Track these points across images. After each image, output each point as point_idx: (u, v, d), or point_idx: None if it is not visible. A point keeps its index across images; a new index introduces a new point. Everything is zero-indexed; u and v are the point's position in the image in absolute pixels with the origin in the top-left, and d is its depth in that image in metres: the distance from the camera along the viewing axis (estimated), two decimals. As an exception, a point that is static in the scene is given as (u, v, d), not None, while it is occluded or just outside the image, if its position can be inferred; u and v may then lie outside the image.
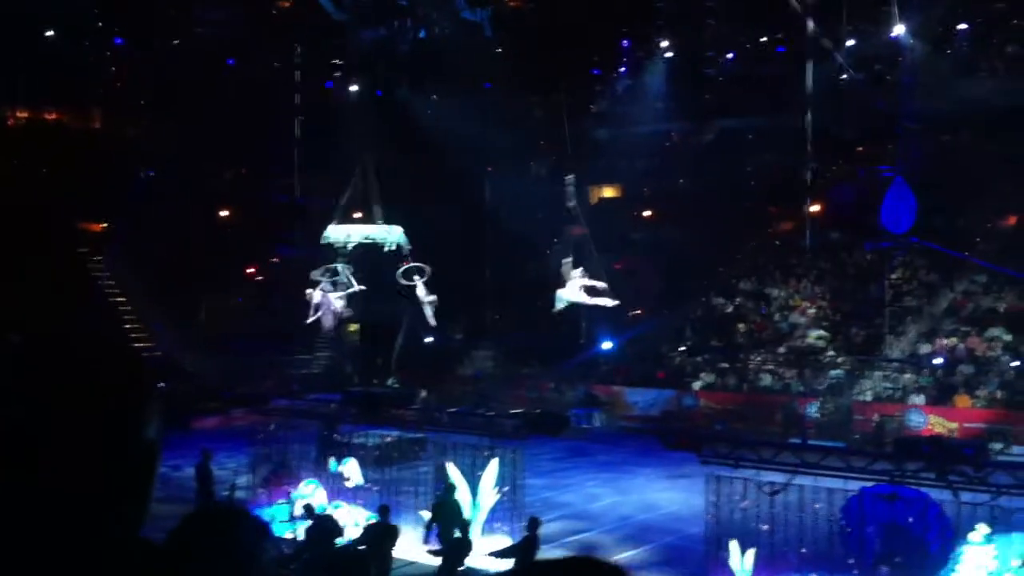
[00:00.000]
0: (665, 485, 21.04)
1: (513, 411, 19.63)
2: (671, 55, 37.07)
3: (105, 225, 35.74)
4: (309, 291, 22.47)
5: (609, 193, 45.18)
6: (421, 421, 17.36)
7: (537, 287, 26.15)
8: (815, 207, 36.07)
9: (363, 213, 24.46)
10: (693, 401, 30.63)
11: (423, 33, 33.37)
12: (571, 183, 21.00)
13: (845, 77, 33.25)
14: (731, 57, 37.43)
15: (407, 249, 22.37)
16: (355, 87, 35.69)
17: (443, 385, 31.79)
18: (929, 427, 25.84)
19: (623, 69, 39.79)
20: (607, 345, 31.96)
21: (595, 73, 40.40)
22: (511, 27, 33.86)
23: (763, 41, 37.23)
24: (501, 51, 34.65)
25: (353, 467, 16.75)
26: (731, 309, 35.36)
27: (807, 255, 35.37)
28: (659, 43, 36.97)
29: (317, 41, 35.93)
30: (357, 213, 24.67)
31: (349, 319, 23.14)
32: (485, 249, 38.74)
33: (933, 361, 28.73)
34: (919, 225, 27.55)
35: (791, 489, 12.17)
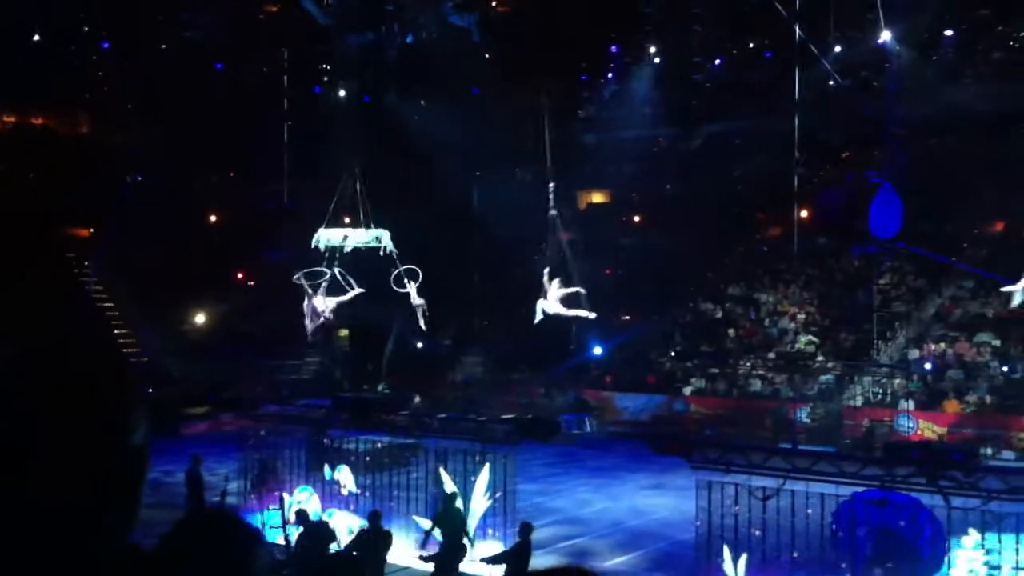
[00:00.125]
0: (656, 490, 21.05)
1: (504, 416, 19.55)
2: (659, 60, 37.13)
3: (92, 230, 35.56)
4: (315, 298, 22.33)
5: (598, 198, 45.23)
6: (412, 426, 17.29)
7: (526, 293, 26.12)
8: (803, 212, 36.18)
9: (351, 218, 24.41)
10: (683, 406, 30.67)
11: (411, 38, 33.30)
12: (552, 191, 20.92)
13: (832, 83, 33.35)
14: (718, 63, 37.51)
15: (395, 253, 22.34)
16: (343, 92, 35.61)
17: (433, 391, 31.72)
18: (919, 432, 25.92)
19: (611, 74, 39.82)
20: (597, 350, 31.96)
21: (583, 78, 40.44)
22: (499, 32, 33.84)
23: (750, 47, 37.33)
24: (489, 56, 34.64)
25: (347, 474, 16.68)
26: (720, 314, 35.41)
27: (795, 260, 35.47)
28: (647, 48, 37.02)
29: (304, 46, 35.82)
30: (346, 218, 24.62)
31: (331, 322, 23.04)
32: (474, 255, 38.68)
33: (922, 366, 28.83)
34: (906, 231, 27.62)
35: (782, 494, 12.15)
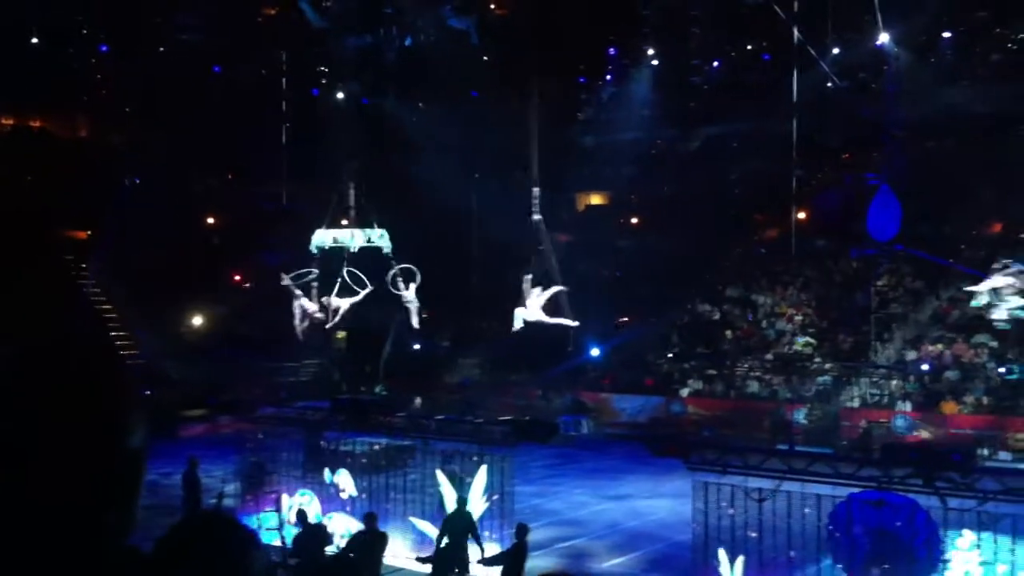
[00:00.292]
0: (653, 492, 21.06)
1: (502, 418, 19.56)
2: (657, 62, 37.16)
3: (90, 233, 35.53)
4: (325, 298, 22.33)
5: (596, 200, 45.25)
6: (409, 428, 17.29)
7: (522, 295, 26.10)
8: (801, 214, 36.20)
9: (349, 219, 24.44)
10: (681, 408, 30.67)
11: (409, 40, 33.29)
12: (537, 196, 20.81)
13: (830, 85, 33.38)
14: (717, 65, 37.56)
15: (392, 253, 22.37)
16: (341, 94, 35.61)
17: (431, 393, 31.72)
18: (916, 433, 25.93)
19: (609, 76, 39.85)
20: (595, 352, 31.94)
21: (581, 80, 40.46)
22: (498, 35, 33.84)
23: (749, 49, 37.37)
24: (487, 59, 34.64)
25: (347, 478, 16.67)
26: (718, 316, 35.42)
27: (793, 262, 35.49)
28: (645, 50, 37.06)
29: (303, 49, 35.82)
30: (344, 220, 24.65)
31: (324, 323, 23.07)
32: (472, 256, 38.66)
33: (920, 367, 28.85)
34: (904, 232, 27.58)
35: (779, 495, 12.16)
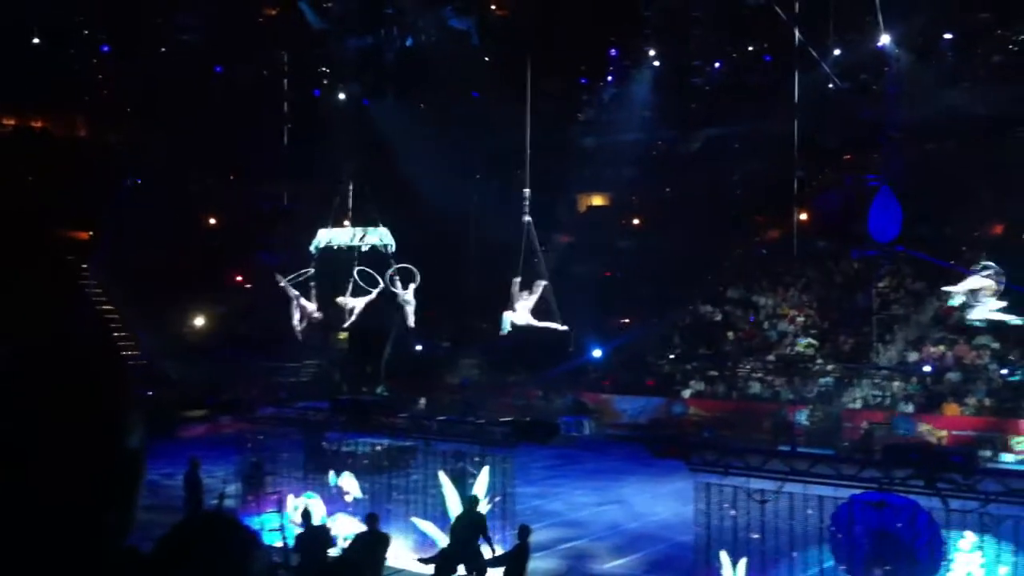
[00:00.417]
0: (654, 493, 21.03)
1: (502, 419, 19.52)
2: (658, 63, 37.16)
3: (90, 233, 35.53)
4: (340, 298, 22.26)
5: (597, 201, 45.25)
6: (411, 429, 17.25)
7: (510, 298, 26.04)
8: (802, 215, 36.19)
9: (350, 219, 24.41)
10: (682, 409, 30.65)
11: (410, 41, 33.27)
12: (527, 197, 20.70)
13: (831, 86, 33.36)
14: (718, 66, 37.54)
15: (392, 250, 22.33)
16: (342, 95, 35.62)
17: (431, 393, 31.71)
18: (918, 435, 25.92)
19: (610, 77, 39.84)
20: (596, 353, 31.93)
21: (582, 81, 40.45)
22: (498, 35, 33.81)
23: (750, 50, 37.36)
24: (488, 59, 34.62)
25: (351, 481, 16.63)
26: (719, 317, 35.41)
27: (795, 263, 35.48)
28: (646, 51, 37.06)
29: (303, 49, 35.82)
30: (345, 221, 24.62)
31: (321, 322, 23.01)
32: (471, 257, 38.65)
33: (921, 369, 28.83)
34: (905, 234, 27.57)
35: (781, 496, 12.14)
